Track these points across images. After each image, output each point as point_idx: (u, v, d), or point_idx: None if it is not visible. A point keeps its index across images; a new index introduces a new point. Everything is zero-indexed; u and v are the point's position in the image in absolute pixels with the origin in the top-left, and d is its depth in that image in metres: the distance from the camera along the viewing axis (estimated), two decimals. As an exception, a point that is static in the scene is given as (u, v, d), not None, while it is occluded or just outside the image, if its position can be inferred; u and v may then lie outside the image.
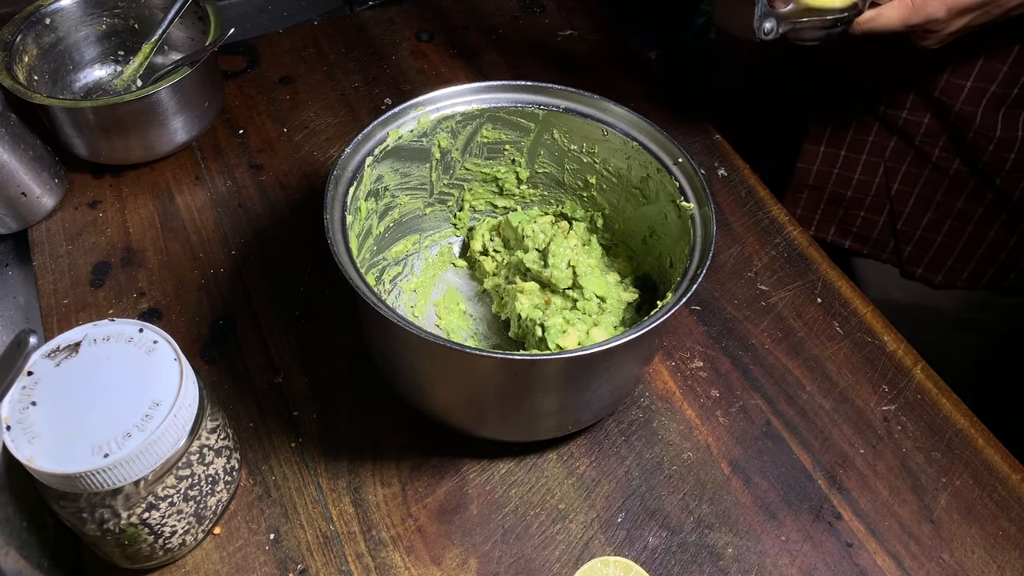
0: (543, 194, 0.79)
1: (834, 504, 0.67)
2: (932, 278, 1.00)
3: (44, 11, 0.87)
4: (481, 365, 0.58)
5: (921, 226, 0.97)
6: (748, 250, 0.84)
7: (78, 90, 0.93)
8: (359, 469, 0.67)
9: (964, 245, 0.96)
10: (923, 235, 0.97)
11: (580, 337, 0.66)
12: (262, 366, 0.73)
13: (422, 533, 0.64)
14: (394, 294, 0.76)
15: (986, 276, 0.98)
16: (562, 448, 0.69)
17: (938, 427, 0.72)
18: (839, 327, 0.78)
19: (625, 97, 0.76)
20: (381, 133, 0.67)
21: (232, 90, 0.98)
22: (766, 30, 0.71)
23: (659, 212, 0.69)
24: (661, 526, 0.65)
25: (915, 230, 0.97)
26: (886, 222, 0.99)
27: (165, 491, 0.55)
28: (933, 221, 0.96)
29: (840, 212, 1.01)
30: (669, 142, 0.67)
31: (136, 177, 0.88)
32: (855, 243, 1.03)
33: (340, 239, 0.60)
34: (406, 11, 1.11)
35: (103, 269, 0.80)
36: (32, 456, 0.50)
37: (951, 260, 0.97)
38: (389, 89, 1.00)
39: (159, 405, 0.53)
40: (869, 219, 1.00)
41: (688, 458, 0.69)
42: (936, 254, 0.98)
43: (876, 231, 1.00)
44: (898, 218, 0.97)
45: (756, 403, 0.73)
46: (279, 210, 0.86)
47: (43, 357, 0.55)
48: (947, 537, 0.66)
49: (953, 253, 0.97)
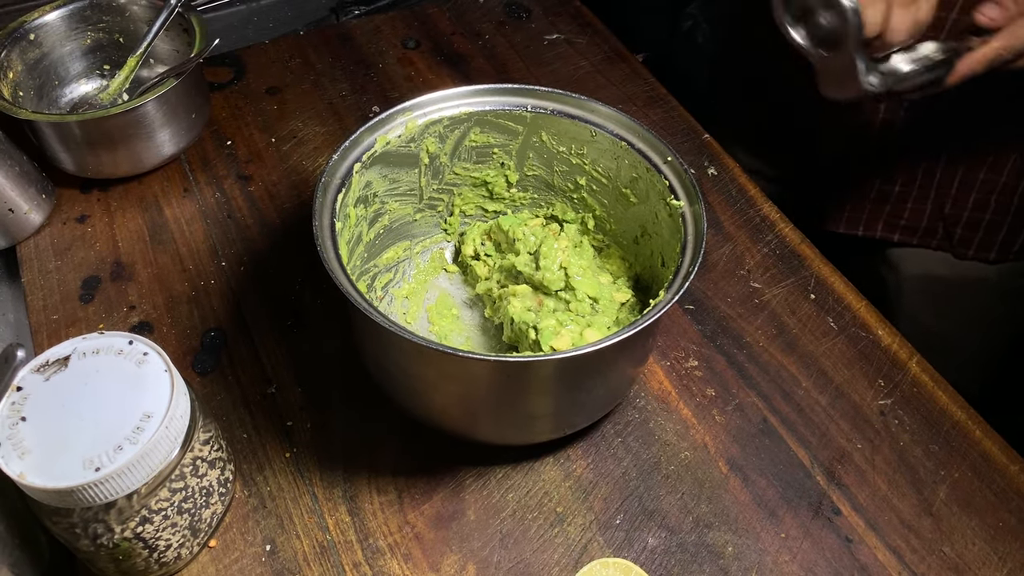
0: (533, 197, 0.78)
1: (833, 500, 0.67)
2: (987, 256, 0.99)
3: (28, 26, 0.86)
4: (475, 368, 0.58)
5: (967, 207, 0.97)
6: (740, 248, 0.84)
7: (64, 105, 0.92)
8: (354, 478, 0.67)
9: (1012, 219, 0.95)
10: (971, 215, 0.97)
11: (573, 338, 0.66)
12: (255, 376, 0.73)
13: (419, 540, 0.63)
14: (386, 301, 0.76)
15: None
16: (559, 451, 0.69)
17: (935, 420, 0.72)
18: (833, 323, 0.78)
19: (613, 99, 0.76)
20: (369, 139, 0.67)
21: (219, 101, 0.98)
22: (873, 83, 0.70)
23: (650, 212, 0.69)
24: (660, 526, 0.65)
25: (962, 212, 0.97)
26: (933, 209, 0.99)
27: (159, 504, 0.55)
28: (978, 200, 0.96)
29: (887, 208, 1.01)
30: (658, 141, 0.66)
31: (124, 191, 0.88)
32: (904, 235, 1.02)
33: (330, 246, 0.59)
34: (392, 19, 1.11)
35: (92, 284, 0.79)
36: (23, 472, 0.50)
37: (1001, 236, 0.97)
38: (376, 97, 0.99)
39: (150, 417, 0.52)
40: (916, 209, 1.00)
41: (685, 458, 0.69)
42: (985, 233, 0.98)
43: (924, 219, 1.00)
44: (945, 202, 0.97)
45: (752, 401, 0.73)
46: (268, 220, 0.86)
47: (32, 372, 0.54)
48: (947, 530, 0.65)
49: (1002, 229, 0.97)
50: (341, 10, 1.15)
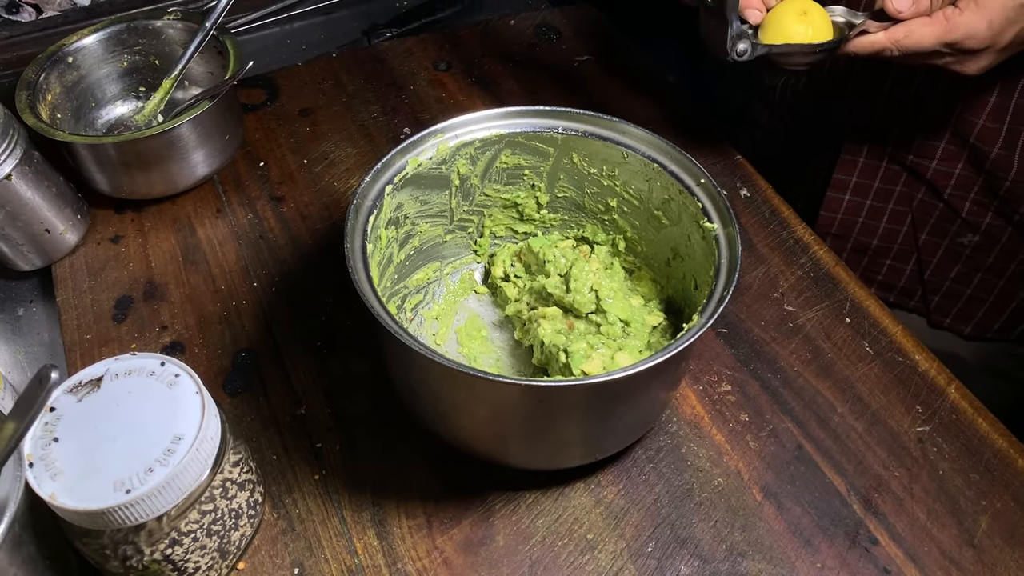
0: (564, 218, 0.78)
1: (870, 529, 0.65)
2: (961, 329, 0.96)
3: (67, 50, 0.88)
4: (505, 392, 0.57)
5: (950, 277, 0.94)
6: (774, 271, 0.83)
7: (100, 127, 0.94)
8: (383, 501, 0.66)
9: (995, 299, 0.92)
10: (952, 286, 0.94)
11: (605, 362, 0.65)
12: (285, 398, 0.73)
13: (448, 565, 0.63)
14: (416, 322, 0.76)
15: (1018, 329, 0.94)
16: (589, 477, 0.68)
17: (975, 448, 0.70)
18: (869, 347, 0.77)
19: (644, 120, 0.75)
20: (400, 161, 0.67)
21: (252, 123, 0.99)
22: (739, 51, 0.71)
23: (682, 234, 0.68)
24: (693, 555, 0.63)
25: (943, 281, 0.94)
26: (913, 271, 0.96)
27: (188, 526, 0.55)
28: (963, 273, 0.93)
29: (865, 260, 0.99)
30: (690, 162, 0.66)
31: (158, 211, 0.89)
32: (880, 291, 1.00)
33: (361, 268, 0.59)
34: (423, 41, 1.12)
35: (125, 304, 0.80)
36: (54, 493, 0.50)
37: (981, 312, 0.94)
38: (407, 119, 1.00)
39: (181, 439, 0.52)
40: (895, 268, 0.97)
41: (719, 484, 0.68)
42: (965, 305, 0.95)
43: (903, 280, 0.97)
44: (926, 268, 0.94)
45: (787, 427, 0.71)
46: (300, 241, 0.86)
47: (65, 393, 0.55)
48: (990, 562, 0.64)
49: (984, 305, 0.93)
50: (373, 33, 1.16)
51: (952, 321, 0.96)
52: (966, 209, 0.88)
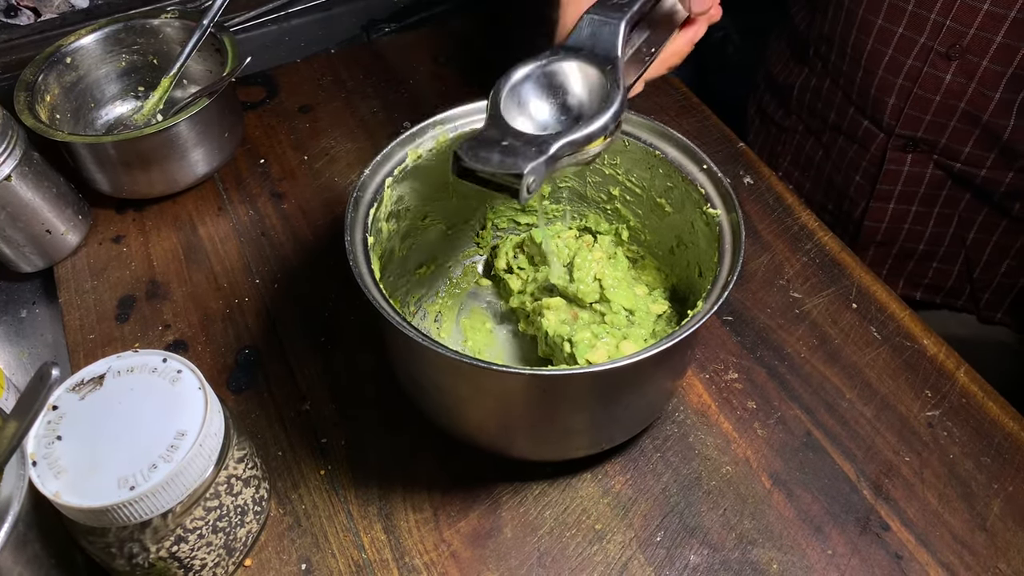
0: (566, 208, 0.77)
1: (881, 515, 0.65)
2: (1014, 322, 0.96)
3: (65, 50, 0.88)
4: (510, 382, 0.57)
5: (1000, 272, 0.93)
6: (779, 258, 0.83)
7: (100, 127, 0.93)
8: (390, 495, 0.66)
9: None
10: (1002, 281, 0.94)
11: (609, 351, 0.65)
12: (289, 394, 0.72)
13: (456, 558, 0.62)
14: (419, 316, 0.75)
15: None
16: (596, 467, 0.67)
17: (986, 432, 0.69)
18: (876, 332, 0.76)
19: (645, 109, 0.75)
20: (400, 153, 0.67)
21: (252, 120, 0.99)
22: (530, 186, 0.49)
23: (685, 221, 0.68)
24: (702, 544, 0.63)
25: (993, 277, 0.94)
26: (961, 271, 0.95)
27: (194, 523, 0.54)
28: (1012, 267, 0.92)
29: (910, 265, 0.98)
30: (692, 149, 0.65)
31: (159, 210, 0.88)
32: (926, 294, 0.99)
33: (363, 261, 0.59)
34: (422, 36, 1.11)
35: (128, 303, 0.80)
36: (58, 491, 0.50)
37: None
38: (407, 113, 0.99)
39: (184, 435, 0.52)
40: (942, 270, 0.96)
41: (727, 472, 0.67)
42: (1017, 298, 0.94)
43: (950, 280, 0.96)
44: (974, 267, 0.93)
45: (795, 413, 0.71)
46: (302, 237, 0.85)
47: (68, 391, 0.54)
48: (1003, 546, 0.63)
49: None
50: (372, 28, 1.15)
51: (1004, 315, 0.95)
52: (1015, 210, 0.88)
